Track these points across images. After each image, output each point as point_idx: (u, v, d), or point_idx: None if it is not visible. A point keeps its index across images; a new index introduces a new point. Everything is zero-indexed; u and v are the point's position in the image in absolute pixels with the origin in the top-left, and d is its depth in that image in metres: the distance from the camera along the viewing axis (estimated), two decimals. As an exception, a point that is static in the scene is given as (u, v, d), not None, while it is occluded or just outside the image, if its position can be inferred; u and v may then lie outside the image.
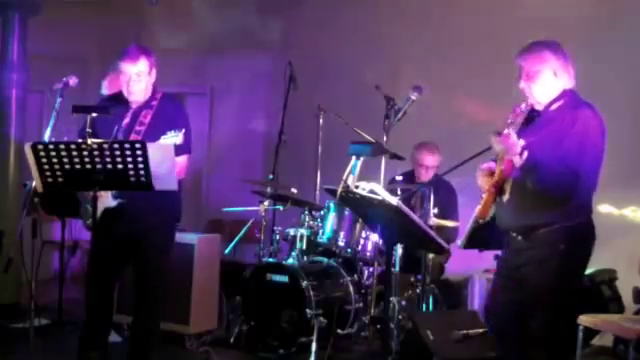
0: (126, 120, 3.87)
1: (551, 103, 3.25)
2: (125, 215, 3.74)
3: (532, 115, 3.27)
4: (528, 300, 3.24)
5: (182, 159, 3.78)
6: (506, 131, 3.04)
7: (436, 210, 4.90)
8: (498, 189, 3.21)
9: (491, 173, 3.25)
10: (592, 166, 3.15)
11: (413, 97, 4.62)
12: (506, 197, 3.21)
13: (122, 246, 3.86)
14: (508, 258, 3.34)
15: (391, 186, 4.92)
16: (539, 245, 3.16)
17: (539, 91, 3.25)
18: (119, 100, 3.93)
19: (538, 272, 3.16)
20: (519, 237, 3.24)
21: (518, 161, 3.02)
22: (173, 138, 3.55)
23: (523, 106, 3.24)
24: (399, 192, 4.72)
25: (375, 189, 3.23)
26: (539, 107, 3.26)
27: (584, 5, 5.88)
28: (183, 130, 3.57)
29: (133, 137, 3.77)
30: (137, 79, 3.83)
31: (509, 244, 3.32)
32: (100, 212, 3.67)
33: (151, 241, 3.86)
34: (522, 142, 3.01)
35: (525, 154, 3.00)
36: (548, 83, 3.24)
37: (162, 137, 3.58)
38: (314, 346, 4.63)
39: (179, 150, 3.56)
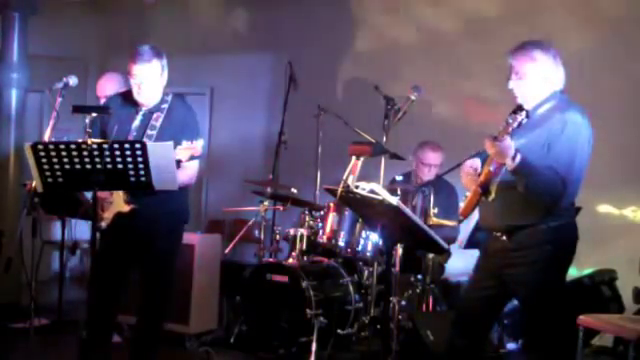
0: (136, 122, 3.80)
1: (540, 104, 3.25)
2: (137, 219, 3.70)
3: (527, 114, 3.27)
4: (520, 299, 3.28)
5: (194, 164, 3.72)
6: (501, 136, 3.05)
7: (436, 210, 4.90)
8: (484, 190, 3.22)
9: (475, 172, 3.26)
10: (580, 170, 3.17)
11: (413, 97, 4.62)
12: (491, 197, 3.22)
13: (131, 249, 3.82)
14: (490, 257, 3.35)
15: (391, 186, 4.92)
16: (526, 247, 3.17)
17: (528, 91, 3.25)
18: (127, 100, 3.86)
19: (527, 275, 3.18)
20: (503, 237, 3.25)
21: (510, 164, 3.04)
22: (191, 148, 3.48)
23: (520, 117, 3.23)
24: (399, 192, 4.72)
25: (375, 189, 3.23)
26: (527, 107, 3.27)
27: (591, 4, 5.87)
28: (200, 140, 3.50)
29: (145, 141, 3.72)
30: (149, 82, 3.74)
31: (492, 243, 3.33)
32: (112, 215, 3.68)
33: (161, 244, 3.83)
34: (513, 144, 3.02)
35: (518, 158, 3.01)
36: (537, 84, 3.24)
37: (178, 148, 3.46)
38: (314, 346, 4.63)
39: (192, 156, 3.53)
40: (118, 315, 4.30)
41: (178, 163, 3.49)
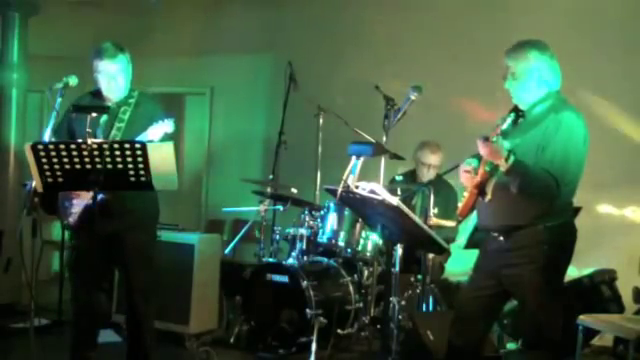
0: (104, 117, 3.84)
1: (536, 104, 3.25)
2: (105, 213, 3.68)
3: (518, 115, 3.27)
4: (518, 299, 3.29)
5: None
6: (494, 137, 3.04)
7: (436, 210, 4.90)
8: (480, 190, 3.22)
9: (473, 173, 3.26)
10: (575, 170, 3.17)
11: (413, 97, 4.61)
12: (488, 197, 3.22)
13: (104, 244, 3.81)
14: (488, 257, 3.35)
15: (391, 186, 4.92)
16: (523, 247, 3.17)
17: (524, 91, 3.25)
18: (96, 97, 3.94)
19: (525, 275, 3.18)
20: (500, 237, 3.25)
21: (504, 165, 3.04)
22: (162, 127, 3.59)
23: (509, 118, 3.23)
24: (399, 192, 4.72)
25: (375, 189, 3.23)
26: (523, 107, 3.26)
27: (593, 4, 5.87)
28: (173, 119, 3.60)
29: (114, 134, 3.77)
30: (117, 77, 3.84)
31: (489, 243, 3.33)
32: (81, 210, 3.69)
33: (131, 240, 3.84)
34: (508, 145, 3.02)
35: (511, 159, 3.01)
36: (533, 84, 3.24)
37: (149, 127, 3.59)
38: (314, 346, 4.63)
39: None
40: (116, 314, 4.29)
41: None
